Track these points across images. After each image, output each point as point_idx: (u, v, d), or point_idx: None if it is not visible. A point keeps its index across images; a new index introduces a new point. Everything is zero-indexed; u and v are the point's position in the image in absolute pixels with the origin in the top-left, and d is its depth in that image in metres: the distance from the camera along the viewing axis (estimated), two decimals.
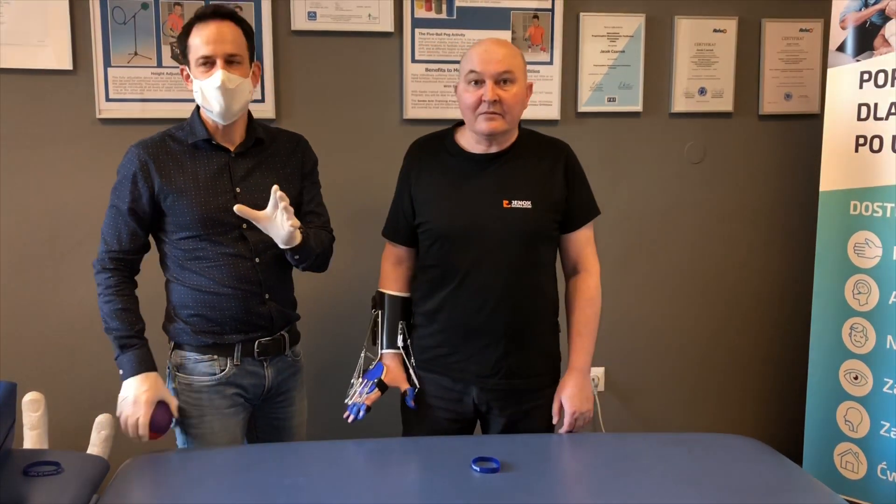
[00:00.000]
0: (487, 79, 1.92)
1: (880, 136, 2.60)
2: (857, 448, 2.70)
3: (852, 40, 2.67)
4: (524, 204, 1.98)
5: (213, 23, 1.90)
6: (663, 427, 3.16)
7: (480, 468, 1.75)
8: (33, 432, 2.43)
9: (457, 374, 2.04)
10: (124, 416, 1.89)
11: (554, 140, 2.11)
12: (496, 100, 1.92)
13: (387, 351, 2.09)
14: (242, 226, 1.95)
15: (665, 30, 2.97)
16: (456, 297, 2.01)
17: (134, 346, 1.92)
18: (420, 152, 2.11)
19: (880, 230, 2.61)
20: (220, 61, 1.88)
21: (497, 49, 1.95)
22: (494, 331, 1.99)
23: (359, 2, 2.73)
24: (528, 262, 2.00)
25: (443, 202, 2.02)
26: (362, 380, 2.06)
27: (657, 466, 1.83)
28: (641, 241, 3.07)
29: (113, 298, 1.93)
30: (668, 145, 3.04)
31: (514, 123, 2.00)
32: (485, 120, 1.94)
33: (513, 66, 1.93)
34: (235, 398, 2.00)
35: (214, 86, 1.87)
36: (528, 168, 2.02)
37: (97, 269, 1.96)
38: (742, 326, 3.19)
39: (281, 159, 2.04)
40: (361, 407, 1.98)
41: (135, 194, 1.93)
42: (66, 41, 2.57)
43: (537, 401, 2.07)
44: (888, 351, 2.61)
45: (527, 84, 2.00)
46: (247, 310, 1.97)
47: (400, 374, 2.07)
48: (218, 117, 1.92)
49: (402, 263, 2.13)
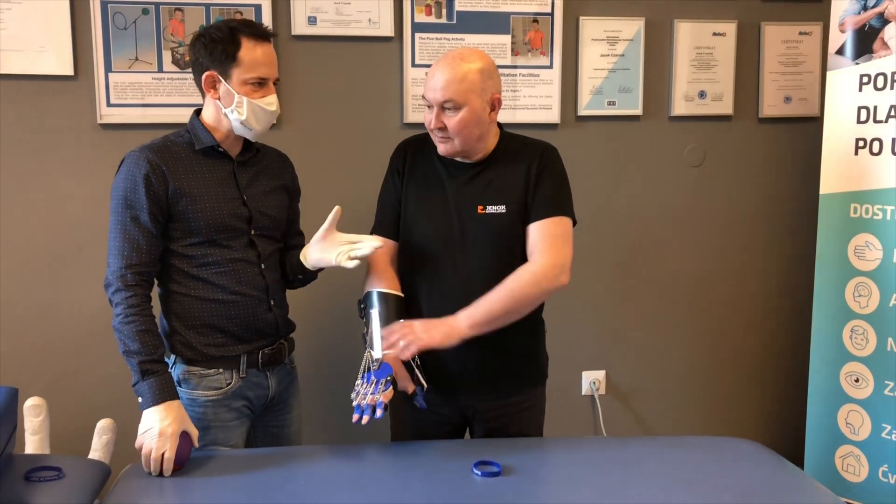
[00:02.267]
0: (433, 105, 1.94)
1: (880, 138, 2.61)
2: (859, 451, 2.70)
3: (851, 43, 2.67)
4: (498, 209, 1.98)
5: (267, 44, 1.91)
6: (664, 430, 3.16)
7: (482, 472, 1.75)
8: (35, 437, 2.43)
9: (440, 380, 2.03)
10: (148, 449, 1.76)
11: (536, 142, 2.09)
12: (441, 126, 1.94)
13: (389, 351, 2.07)
14: (252, 232, 1.96)
15: (665, 33, 2.98)
16: (434, 302, 2.00)
17: (156, 373, 1.81)
18: (408, 148, 2.11)
19: (880, 233, 2.62)
20: (271, 84, 1.91)
21: (441, 76, 1.92)
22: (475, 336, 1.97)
23: (359, 6, 2.74)
24: (504, 265, 1.98)
25: (423, 207, 2.03)
26: (371, 379, 1.94)
27: (658, 470, 1.83)
28: (642, 244, 3.08)
29: (136, 319, 1.83)
30: (668, 149, 3.04)
31: (470, 143, 1.97)
32: (439, 142, 1.99)
33: (455, 94, 1.90)
34: (241, 410, 2.00)
35: (271, 109, 1.90)
36: (505, 173, 2.02)
37: (115, 286, 1.85)
38: (743, 329, 3.19)
39: (274, 171, 2.07)
40: (379, 405, 1.85)
41: (151, 196, 1.86)
42: (68, 47, 2.57)
43: (522, 403, 2.06)
44: (889, 353, 2.61)
45: (487, 100, 1.95)
46: (254, 317, 1.97)
47: (404, 374, 2.03)
48: (253, 135, 1.95)
49: (394, 261, 2.09)
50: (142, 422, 1.80)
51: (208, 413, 1.95)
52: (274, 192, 2.04)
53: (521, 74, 2.87)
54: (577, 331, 3.04)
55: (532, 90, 2.88)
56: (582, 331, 3.04)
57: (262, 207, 1.98)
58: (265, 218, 1.99)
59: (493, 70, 1.98)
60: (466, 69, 1.92)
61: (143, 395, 1.81)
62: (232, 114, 1.91)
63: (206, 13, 2.64)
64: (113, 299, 1.87)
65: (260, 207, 1.98)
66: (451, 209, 2.01)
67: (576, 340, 3.04)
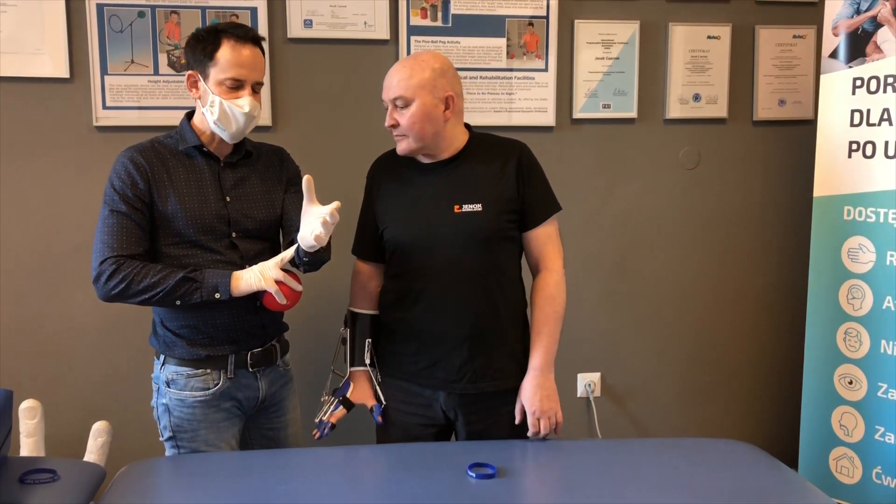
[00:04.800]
0: (388, 104, 2.00)
1: (873, 141, 2.62)
2: (853, 452, 2.71)
3: (845, 47, 2.68)
4: (475, 207, 1.99)
5: (248, 46, 1.91)
6: (659, 432, 3.16)
7: (476, 474, 1.75)
8: (30, 440, 2.43)
9: (424, 381, 2.05)
10: (259, 283, 1.86)
11: (507, 140, 2.12)
12: (395, 124, 1.98)
13: (355, 369, 2.11)
14: (232, 234, 1.96)
15: (659, 36, 2.99)
16: (417, 304, 2.02)
17: (203, 270, 1.87)
18: (378, 170, 2.15)
19: (874, 235, 2.63)
20: (248, 87, 1.90)
21: (393, 75, 1.99)
22: (456, 335, 2.00)
23: (354, 9, 2.74)
24: (485, 264, 2.01)
25: (398, 212, 2.05)
26: (331, 398, 2.10)
27: (653, 471, 1.83)
28: (636, 246, 3.08)
29: (148, 271, 1.84)
30: (662, 151, 3.05)
31: (426, 139, 1.99)
32: (397, 140, 2.03)
33: (404, 90, 1.95)
34: (231, 411, 2.00)
35: (243, 111, 1.89)
36: (478, 171, 2.03)
37: (108, 271, 1.83)
38: (737, 331, 3.20)
39: (267, 171, 2.07)
40: (327, 425, 2.04)
41: (135, 194, 1.89)
42: (63, 49, 2.57)
43: (508, 404, 2.06)
44: (882, 355, 2.62)
45: (440, 98, 1.97)
46: (239, 318, 1.96)
47: (367, 391, 2.09)
48: (229, 137, 1.94)
49: (371, 280, 2.15)
50: (244, 289, 1.87)
51: (197, 414, 1.95)
52: (266, 195, 2.02)
53: (517, 77, 2.88)
54: (572, 333, 3.03)
55: (527, 93, 2.89)
56: (577, 333, 3.04)
57: (246, 210, 1.97)
58: (249, 220, 1.98)
59: (447, 69, 2.01)
60: (417, 67, 1.97)
61: (218, 285, 1.86)
62: (207, 113, 1.92)
63: (201, 16, 2.65)
64: (111, 283, 1.84)
65: (244, 210, 1.97)
66: (426, 210, 2.03)
67: (571, 342, 3.03)
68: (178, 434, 1.97)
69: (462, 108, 2.06)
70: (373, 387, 2.09)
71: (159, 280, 1.84)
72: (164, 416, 1.98)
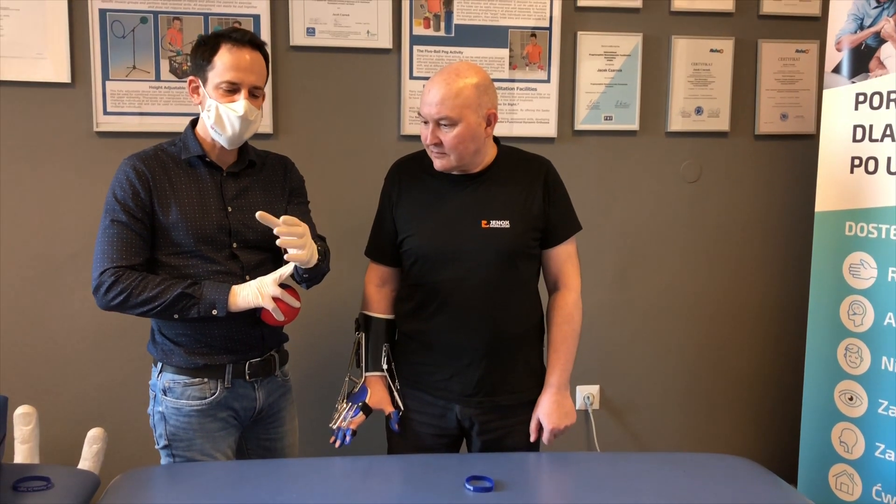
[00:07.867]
0: (429, 121, 1.95)
1: (875, 157, 2.61)
2: (852, 469, 2.69)
3: (848, 62, 2.68)
4: (502, 224, 1.99)
5: (246, 50, 1.89)
6: (658, 446, 3.15)
7: (474, 487, 1.74)
8: (24, 446, 2.42)
9: (439, 392, 2.04)
10: (256, 299, 1.85)
11: (534, 157, 2.11)
12: (437, 142, 1.94)
13: (371, 374, 2.09)
14: (233, 245, 1.95)
15: (662, 49, 2.99)
16: (437, 316, 2.01)
17: (202, 285, 1.86)
18: (401, 174, 2.12)
19: (875, 251, 2.62)
20: (245, 91, 1.89)
21: (437, 92, 1.92)
22: (475, 349, 2.00)
23: (357, 18, 2.74)
24: (507, 280, 2.00)
25: (423, 223, 2.03)
26: (347, 404, 2.07)
27: (651, 486, 1.82)
28: (637, 258, 3.08)
29: (147, 284, 1.84)
30: (664, 164, 3.05)
31: (466, 158, 1.98)
32: (435, 157, 1.99)
33: (450, 110, 1.90)
34: (228, 420, 1.99)
35: (237, 114, 1.87)
36: (507, 187, 2.02)
37: (108, 282, 1.83)
38: (737, 346, 3.19)
39: (270, 181, 2.06)
40: (347, 432, 1.99)
41: (136, 204, 1.88)
42: (65, 54, 2.57)
43: (521, 417, 2.06)
44: (883, 372, 2.61)
45: (482, 116, 1.94)
46: (238, 329, 1.95)
47: (384, 397, 2.07)
48: (226, 141, 1.92)
49: (385, 284, 2.14)
50: (242, 305, 1.86)
51: (193, 423, 1.94)
52: (268, 205, 1.99)
53: (519, 88, 2.88)
54: None
55: (529, 104, 2.89)
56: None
57: (248, 220, 1.94)
58: (250, 231, 1.96)
59: (488, 85, 1.97)
60: (462, 85, 1.92)
61: (215, 302, 1.85)
62: (205, 117, 1.92)
63: (204, 22, 2.65)
64: (111, 294, 1.84)
65: (246, 220, 1.95)
66: (452, 223, 2.01)
67: None
68: (174, 443, 1.95)
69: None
70: (390, 393, 2.08)
71: (158, 294, 1.84)
72: (160, 425, 1.97)
